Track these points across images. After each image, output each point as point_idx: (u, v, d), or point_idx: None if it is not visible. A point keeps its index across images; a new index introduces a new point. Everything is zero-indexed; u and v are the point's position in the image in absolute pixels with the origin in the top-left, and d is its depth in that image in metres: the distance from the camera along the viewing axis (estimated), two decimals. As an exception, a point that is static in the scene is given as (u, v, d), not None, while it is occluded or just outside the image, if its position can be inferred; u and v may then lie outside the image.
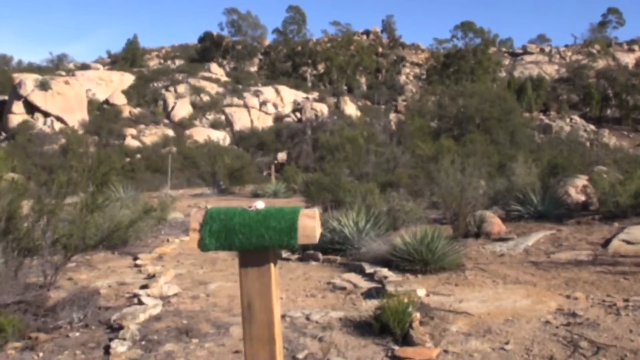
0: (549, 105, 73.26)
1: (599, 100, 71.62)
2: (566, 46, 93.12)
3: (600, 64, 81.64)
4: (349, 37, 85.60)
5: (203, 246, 2.31)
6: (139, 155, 46.87)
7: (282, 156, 47.26)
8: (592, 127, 64.20)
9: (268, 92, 64.81)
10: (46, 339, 5.15)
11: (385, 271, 7.58)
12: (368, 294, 6.64)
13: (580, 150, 24.54)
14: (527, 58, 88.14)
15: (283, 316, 5.69)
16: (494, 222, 10.55)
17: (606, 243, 9.06)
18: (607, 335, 4.97)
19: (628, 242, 8.94)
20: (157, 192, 21.99)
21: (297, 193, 22.36)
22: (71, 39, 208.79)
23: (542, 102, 72.76)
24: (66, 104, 52.70)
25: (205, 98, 61.45)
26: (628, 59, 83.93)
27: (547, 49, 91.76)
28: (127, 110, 57.25)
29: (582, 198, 13.26)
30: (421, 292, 6.52)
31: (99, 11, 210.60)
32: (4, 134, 50.45)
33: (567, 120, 67.29)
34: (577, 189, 13.65)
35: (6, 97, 54.69)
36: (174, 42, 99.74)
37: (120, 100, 58.59)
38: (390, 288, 6.52)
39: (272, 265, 2.34)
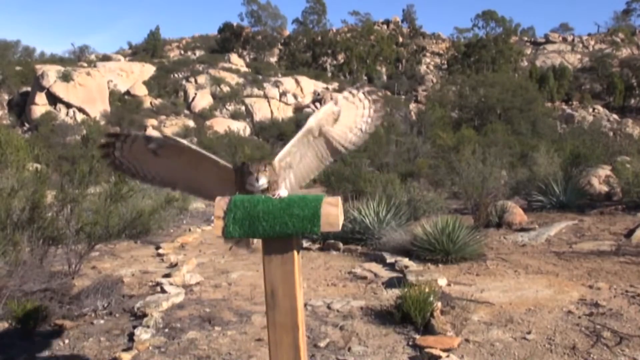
0: (571, 95, 72.39)
1: (622, 90, 70.54)
2: (589, 35, 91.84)
3: (624, 52, 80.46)
4: (369, 27, 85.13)
5: (227, 233, 2.33)
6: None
7: (302, 147, 47.10)
8: (615, 116, 63.39)
9: (288, 82, 64.72)
10: (71, 326, 5.23)
11: (406, 261, 7.58)
12: (389, 284, 6.65)
13: (603, 140, 24.27)
14: (550, 47, 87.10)
15: (304, 305, 5.71)
16: (516, 212, 10.49)
17: (629, 233, 8.97)
18: (630, 325, 4.94)
19: (652, 233, 8.85)
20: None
21: (317, 183, 22.37)
22: (92, 31, 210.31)
23: (565, 91, 71.93)
24: (88, 95, 53.13)
25: (226, 89, 61.55)
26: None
27: (569, 38, 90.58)
28: (148, 101, 57.57)
29: (605, 188, 13.14)
30: (442, 282, 6.52)
31: (120, 2, 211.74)
32: (27, 125, 50.98)
33: (590, 109, 66.52)
34: (599, 179, 13.52)
35: (29, 89, 55.28)
36: (194, 32, 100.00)
37: (141, 91, 58.90)
38: (411, 277, 6.52)
39: (295, 252, 2.36)
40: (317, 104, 61.59)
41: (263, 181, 2.48)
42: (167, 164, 2.63)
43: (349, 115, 3.01)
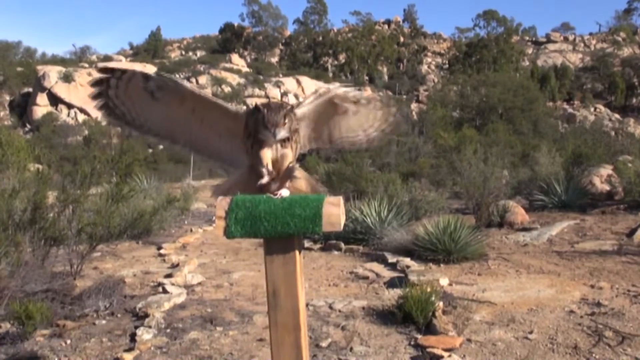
0: (572, 95, 72.41)
1: (623, 89, 70.55)
2: (591, 34, 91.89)
3: (626, 52, 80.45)
4: (370, 26, 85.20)
5: (229, 234, 2.33)
6: (161, 146, 47.18)
7: (303, 147, 47.15)
8: (617, 116, 63.43)
9: (289, 82, 64.80)
10: (73, 327, 5.23)
11: (407, 261, 7.57)
12: (391, 284, 6.64)
13: (605, 140, 24.25)
14: (551, 47, 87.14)
15: (306, 305, 5.70)
16: (517, 212, 10.48)
17: (631, 233, 8.96)
18: (633, 325, 4.93)
19: (654, 232, 8.84)
20: (180, 182, 22.14)
21: (318, 183, 22.32)
22: (94, 31, 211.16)
23: (566, 91, 71.97)
24: (89, 96, 53.17)
25: (227, 89, 61.63)
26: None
27: (571, 38, 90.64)
28: (149, 102, 57.59)
29: (607, 188, 13.13)
30: (444, 282, 6.51)
31: (121, 3, 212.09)
32: (28, 126, 51.04)
33: (591, 109, 66.55)
34: (601, 178, 13.51)
35: (30, 90, 55.37)
36: (195, 33, 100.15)
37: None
38: (413, 277, 6.52)
39: (297, 252, 2.35)
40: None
41: (281, 134, 2.22)
42: (167, 112, 2.36)
43: (365, 116, 2.65)
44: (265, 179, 2.30)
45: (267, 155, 2.29)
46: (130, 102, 2.36)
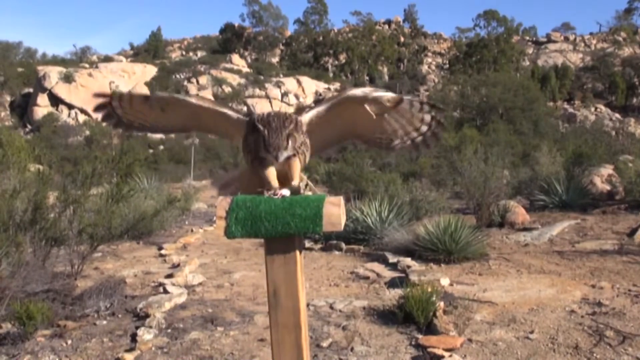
0: (573, 94, 72.28)
1: (624, 89, 70.39)
2: (591, 34, 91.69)
3: (626, 51, 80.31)
4: (370, 27, 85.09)
5: (229, 234, 2.32)
6: (162, 147, 47.21)
7: (304, 147, 47.13)
8: (617, 116, 63.29)
9: (289, 82, 64.81)
10: (74, 327, 5.23)
11: (408, 261, 7.57)
12: (391, 284, 6.64)
13: (606, 140, 24.26)
14: (551, 47, 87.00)
15: (307, 305, 5.69)
16: (518, 212, 10.48)
17: (632, 232, 8.96)
18: (633, 324, 4.93)
19: (654, 232, 8.84)
20: (181, 183, 22.15)
21: (319, 183, 22.36)
22: (94, 32, 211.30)
23: (567, 91, 71.82)
24: (90, 96, 53.05)
25: (227, 89, 61.64)
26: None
27: (571, 38, 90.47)
28: (149, 102, 57.58)
29: (608, 187, 13.14)
30: (445, 282, 6.51)
31: (122, 3, 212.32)
32: (29, 127, 51.04)
33: (592, 109, 66.43)
34: (602, 178, 13.52)
35: (31, 90, 55.38)
36: (195, 33, 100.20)
37: (143, 92, 58.94)
38: (413, 277, 6.52)
39: (297, 252, 2.34)
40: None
41: (284, 156, 2.08)
42: (175, 116, 2.34)
43: (404, 117, 2.38)
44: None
45: (272, 173, 2.19)
46: (141, 114, 2.35)
